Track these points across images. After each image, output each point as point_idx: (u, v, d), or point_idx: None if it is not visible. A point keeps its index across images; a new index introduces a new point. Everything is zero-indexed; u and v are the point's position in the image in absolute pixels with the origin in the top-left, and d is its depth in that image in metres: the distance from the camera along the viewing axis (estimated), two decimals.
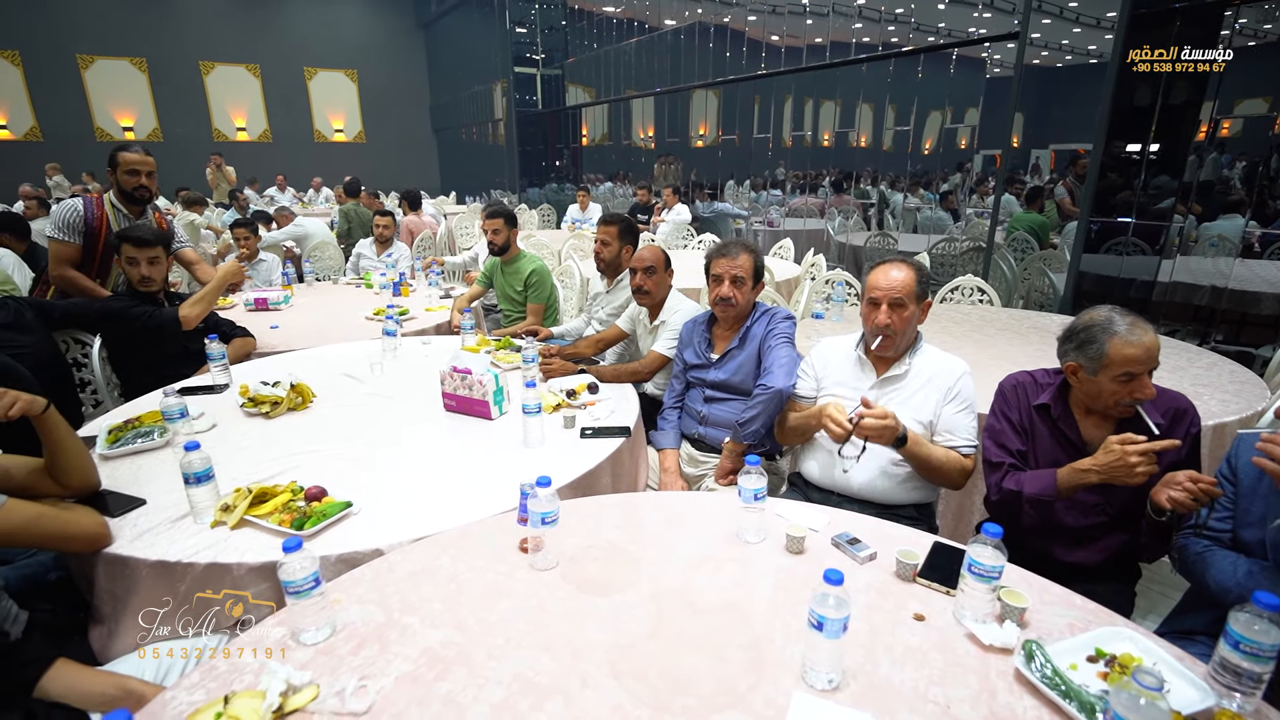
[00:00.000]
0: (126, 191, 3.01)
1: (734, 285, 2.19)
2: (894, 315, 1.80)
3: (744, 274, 2.18)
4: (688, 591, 1.27)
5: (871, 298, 1.84)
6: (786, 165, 8.58)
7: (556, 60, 13.38)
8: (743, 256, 2.19)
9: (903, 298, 1.79)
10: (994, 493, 1.69)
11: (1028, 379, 1.75)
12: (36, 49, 12.44)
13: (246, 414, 2.19)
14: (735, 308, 2.21)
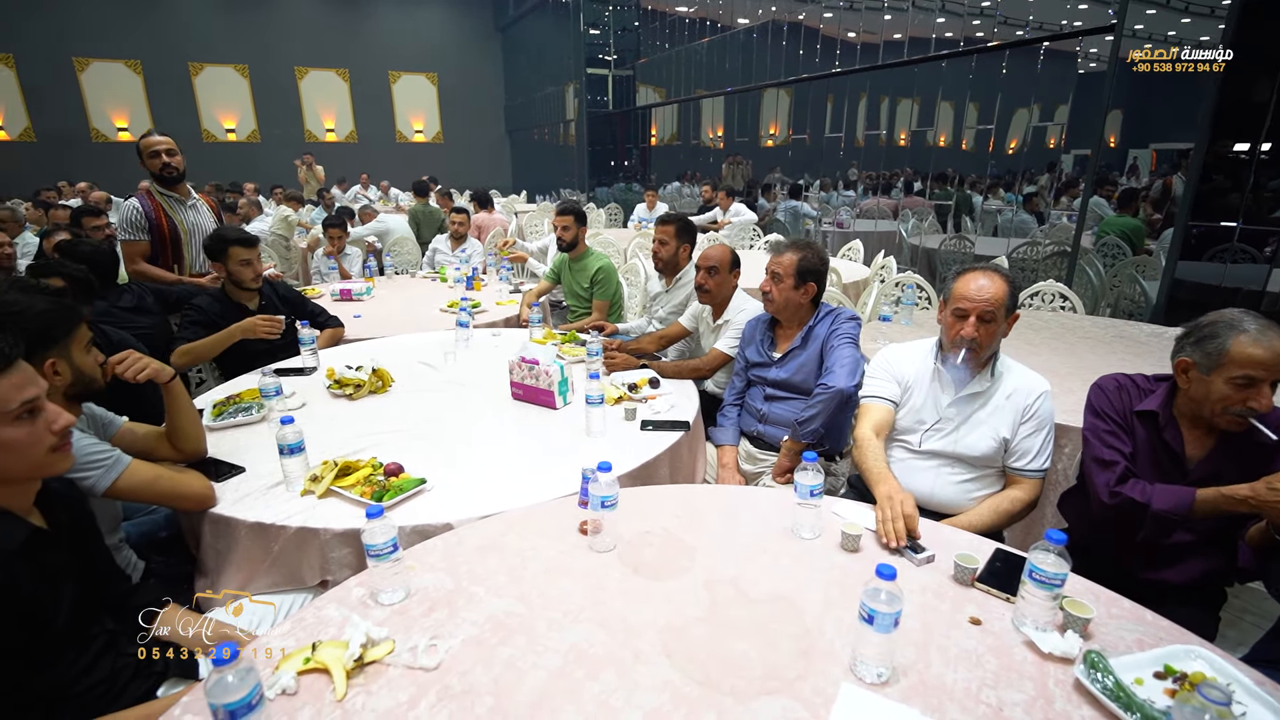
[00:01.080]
0: (157, 174, 3.21)
1: (773, 280, 2.23)
2: (982, 329, 1.69)
3: (783, 271, 2.20)
4: (740, 581, 1.30)
5: (959, 308, 1.72)
6: (859, 165, 8.39)
7: (628, 61, 13.51)
8: (787, 254, 2.21)
9: (994, 311, 1.68)
10: (1105, 495, 1.54)
11: (1128, 382, 1.65)
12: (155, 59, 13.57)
13: (332, 395, 2.35)
14: (772, 303, 2.24)
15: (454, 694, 1.02)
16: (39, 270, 2.25)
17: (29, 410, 1.09)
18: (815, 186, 8.94)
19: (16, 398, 1.06)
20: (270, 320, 2.57)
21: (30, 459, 1.10)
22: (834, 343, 2.15)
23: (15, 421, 1.07)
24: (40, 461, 1.11)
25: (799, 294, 2.22)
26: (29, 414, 1.09)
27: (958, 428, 1.79)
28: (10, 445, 1.07)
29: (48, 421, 1.11)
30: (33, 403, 1.09)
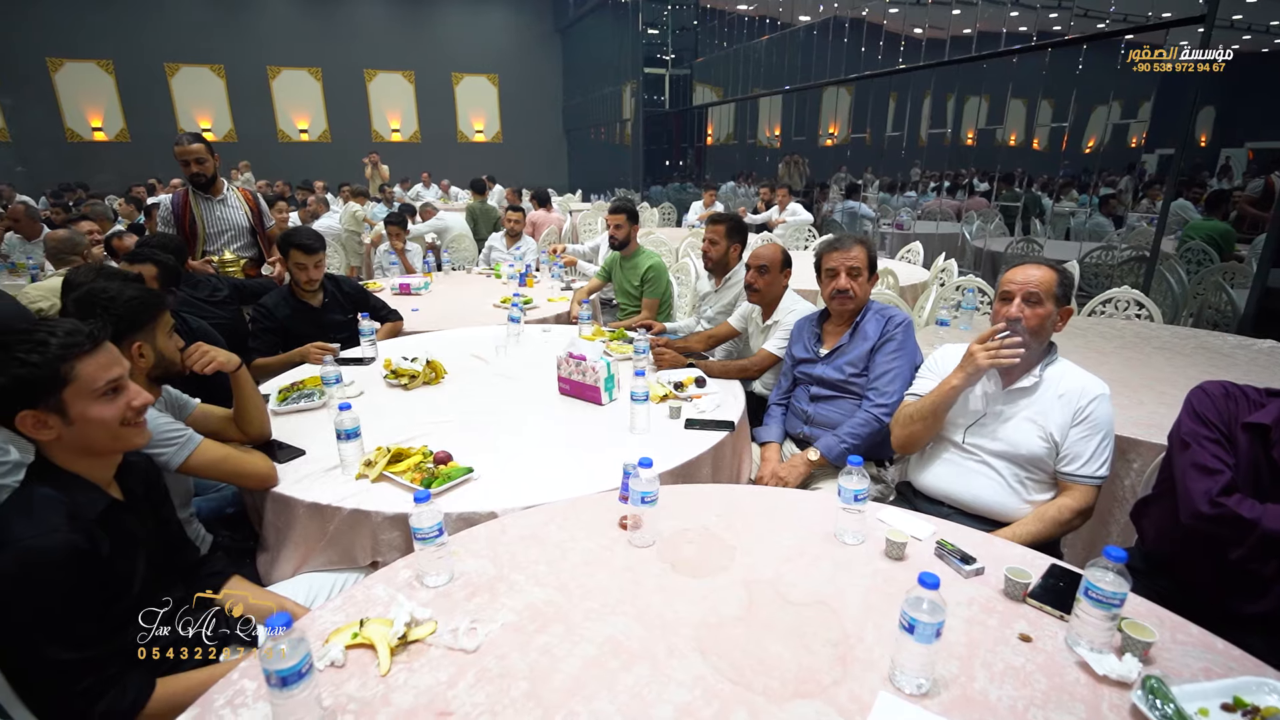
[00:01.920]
0: (190, 179, 3.51)
1: (850, 277, 2.16)
2: (1027, 310, 1.69)
3: (860, 265, 2.16)
4: (779, 583, 1.28)
5: (1004, 291, 1.74)
6: (921, 165, 8.13)
7: (686, 60, 13.49)
8: (856, 248, 2.16)
9: (1038, 293, 1.68)
10: (1205, 504, 1.42)
11: (1238, 391, 1.53)
12: (237, 63, 14.35)
13: (389, 385, 2.44)
14: (854, 300, 2.18)
15: (491, 676, 1.05)
16: (134, 257, 2.43)
17: (114, 388, 1.18)
18: (875, 187, 8.71)
19: (104, 376, 1.16)
20: (323, 348, 2.71)
21: (111, 432, 1.19)
22: (886, 353, 2.10)
23: (101, 398, 1.16)
24: (119, 434, 1.20)
25: (869, 288, 2.22)
26: (114, 391, 1.18)
27: (1003, 423, 1.75)
28: (95, 420, 1.16)
29: (128, 399, 1.20)
30: (117, 381, 1.19)
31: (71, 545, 1.07)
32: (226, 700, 1.01)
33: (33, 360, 1.09)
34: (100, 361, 1.17)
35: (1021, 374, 1.76)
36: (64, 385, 1.12)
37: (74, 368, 1.13)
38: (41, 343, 1.10)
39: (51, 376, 1.11)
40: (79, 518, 1.12)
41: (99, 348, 1.17)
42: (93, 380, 1.15)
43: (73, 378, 1.13)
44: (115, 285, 1.63)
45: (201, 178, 3.50)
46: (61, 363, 1.11)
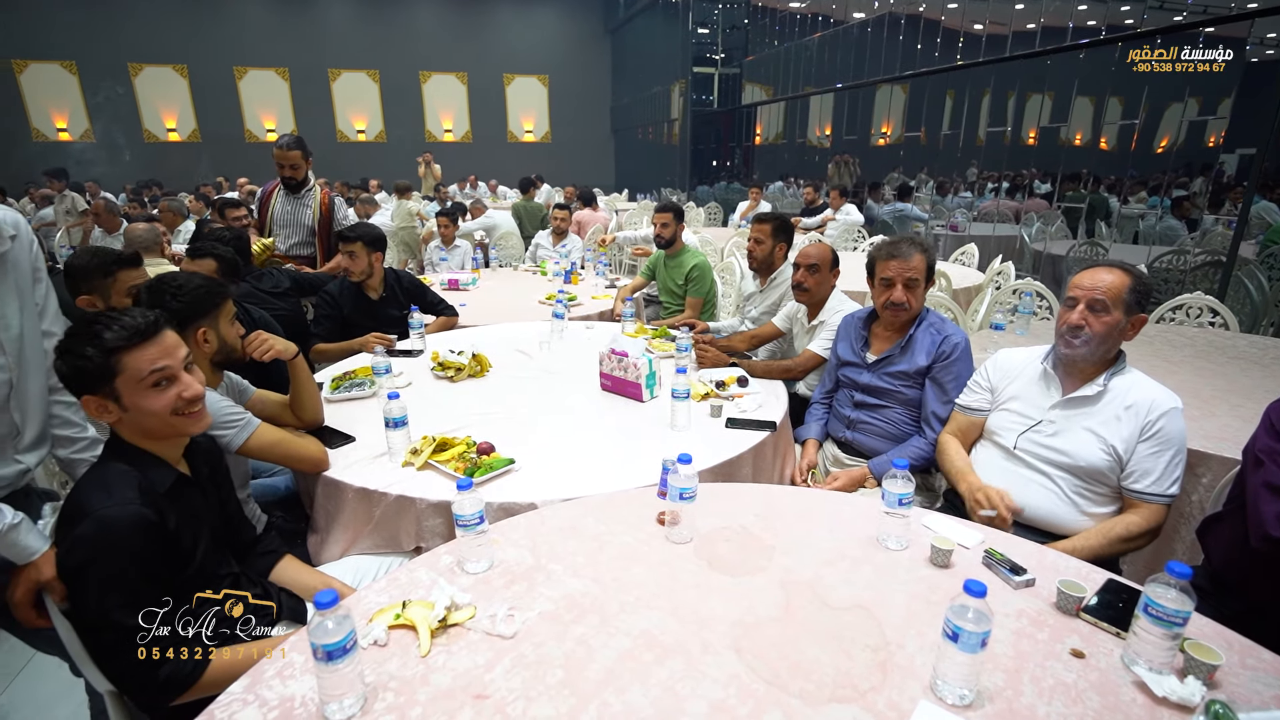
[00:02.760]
0: (282, 180, 3.75)
1: (907, 289, 2.05)
2: (1091, 317, 1.61)
3: (919, 276, 2.05)
4: (818, 586, 1.26)
5: (1070, 296, 1.66)
6: (979, 165, 7.87)
7: (736, 59, 13.39)
8: (916, 256, 2.05)
9: (1106, 300, 1.59)
10: (1275, 527, 1.35)
11: None
12: (300, 67, 14.93)
13: (435, 376, 2.50)
14: (908, 313, 2.09)
15: (527, 663, 1.06)
16: (195, 253, 2.56)
17: (166, 378, 1.21)
18: (929, 187, 8.47)
19: (148, 367, 1.19)
20: (381, 338, 2.84)
21: (164, 420, 1.23)
22: (943, 381, 2.02)
23: (152, 389, 1.20)
24: (172, 423, 1.24)
25: (925, 294, 2.13)
26: (166, 382, 1.21)
27: (1060, 432, 1.68)
28: (146, 409, 1.21)
29: (179, 390, 1.23)
30: (165, 372, 1.21)
31: (142, 517, 1.13)
32: (276, 671, 1.05)
33: (87, 353, 1.16)
34: (149, 354, 1.19)
35: (1083, 382, 1.69)
36: (115, 376, 1.17)
37: (122, 360, 1.17)
38: (96, 335, 1.16)
39: (102, 367, 1.16)
40: (149, 492, 1.19)
41: (149, 340, 1.20)
42: (139, 372, 1.18)
43: (121, 369, 1.17)
44: (184, 275, 1.72)
45: (292, 181, 3.73)
46: (110, 355, 1.16)
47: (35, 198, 8.15)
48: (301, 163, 3.70)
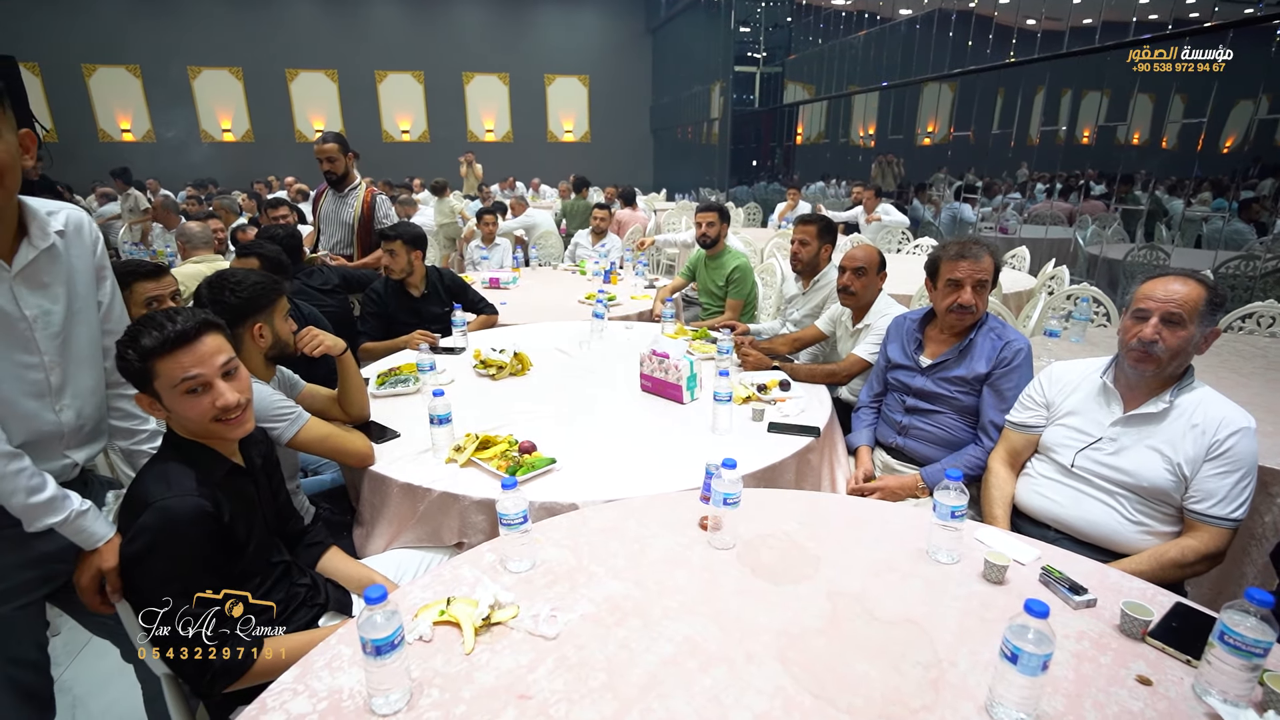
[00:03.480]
0: (324, 175, 3.82)
1: (976, 292, 1.97)
2: (1165, 332, 1.51)
3: (988, 278, 1.97)
4: (866, 598, 1.23)
5: (1140, 309, 1.55)
6: (1030, 165, 7.61)
7: (778, 58, 13.24)
8: (986, 258, 1.97)
9: (1181, 314, 1.49)
10: None
11: None
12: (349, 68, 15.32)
13: (477, 374, 2.53)
14: (974, 316, 2.01)
15: (570, 665, 1.06)
16: (241, 251, 2.63)
17: (200, 385, 1.21)
18: (978, 188, 8.23)
19: (179, 375, 1.19)
20: (426, 335, 2.87)
21: (204, 426, 1.24)
22: (1003, 390, 1.94)
23: (186, 395, 1.20)
24: (211, 429, 1.25)
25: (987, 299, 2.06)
26: (201, 388, 1.21)
27: (1121, 450, 1.60)
28: (180, 412, 1.23)
29: (213, 398, 1.22)
30: (196, 380, 1.20)
31: (200, 507, 1.17)
32: (325, 662, 1.07)
33: (127, 355, 1.19)
34: (182, 362, 1.19)
35: (1147, 397, 1.60)
36: (152, 379, 1.20)
37: (156, 366, 1.19)
38: (135, 339, 1.19)
39: (141, 371, 1.20)
40: (206, 483, 1.22)
41: (183, 348, 1.19)
42: (173, 378, 1.19)
43: (156, 374, 1.20)
44: (242, 272, 1.77)
45: (332, 175, 3.80)
46: (146, 360, 1.19)
47: (98, 195, 8.56)
48: (339, 156, 3.74)
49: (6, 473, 1.15)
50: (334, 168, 3.76)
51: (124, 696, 1.60)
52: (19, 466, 1.17)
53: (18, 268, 1.19)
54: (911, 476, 2.03)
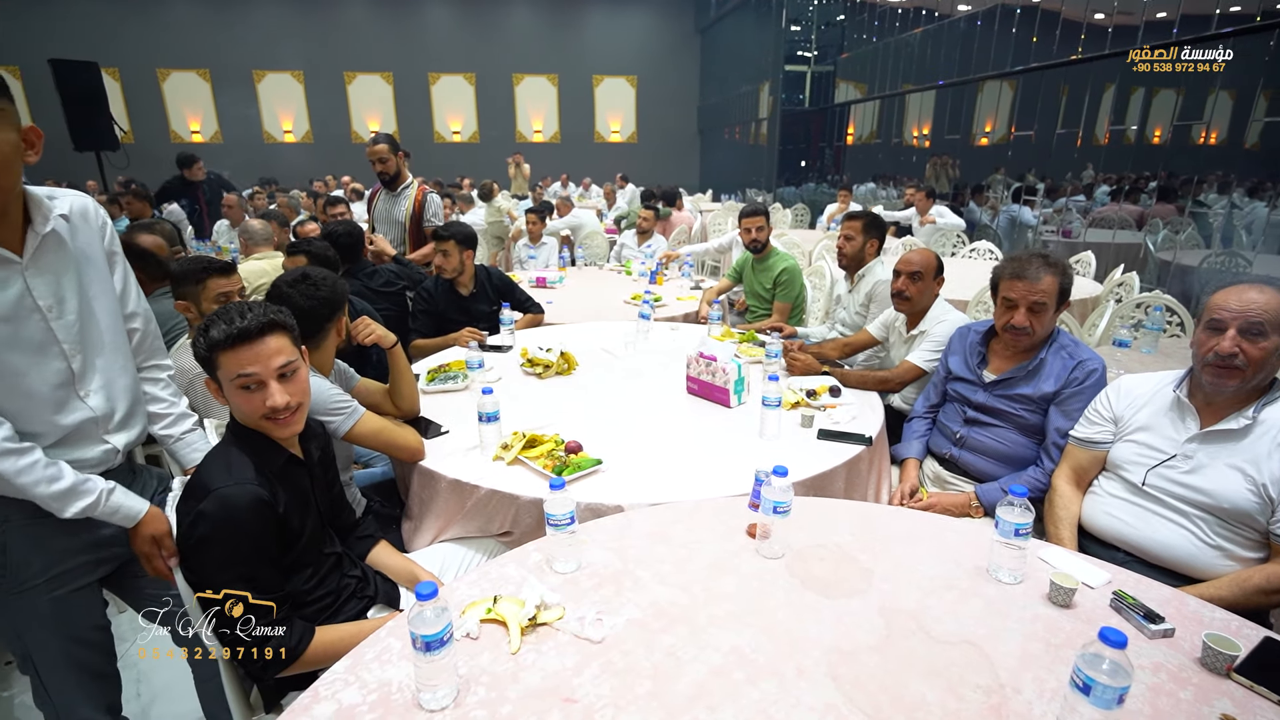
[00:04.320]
0: (377, 175, 3.91)
1: (1032, 314, 1.86)
2: (1246, 344, 1.42)
3: (1047, 300, 1.85)
4: (922, 616, 1.18)
5: (1214, 320, 1.47)
6: (1096, 166, 7.26)
7: (830, 57, 13.01)
8: (1046, 278, 1.85)
9: (1262, 323, 1.41)
10: None
11: None
12: (403, 71, 15.74)
13: (524, 373, 2.55)
14: (1030, 338, 1.90)
15: (616, 670, 1.05)
16: (291, 249, 2.70)
17: (254, 383, 1.24)
18: (1040, 190, 7.90)
19: (236, 371, 1.23)
20: (474, 333, 2.93)
21: (255, 422, 1.28)
22: (1071, 411, 1.83)
23: (240, 390, 1.24)
24: (261, 425, 1.29)
25: (1055, 319, 1.93)
26: (256, 386, 1.24)
27: (1198, 469, 1.50)
28: (235, 405, 1.27)
29: (264, 398, 1.25)
30: (250, 378, 1.23)
31: (257, 496, 1.20)
32: (375, 655, 1.09)
33: (198, 343, 1.24)
34: (241, 358, 1.22)
35: (1227, 413, 1.50)
36: (216, 369, 1.25)
37: (218, 358, 1.23)
38: (206, 329, 1.23)
39: (206, 360, 1.25)
40: (264, 473, 1.26)
41: (246, 344, 1.23)
42: (230, 373, 1.23)
43: (218, 365, 1.24)
44: (328, 272, 1.84)
45: (385, 175, 3.91)
46: (211, 351, 1.23)
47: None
48: (390, 155, 3.83)
49: (20, 466, 1.18)
50: (385, 168, 3.87)
51: (187, 673, 1.66)
52: (31, 460, 1.19)
53: (28, 256, 1.20)
54: (965, 495, 1.94)
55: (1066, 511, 1.72)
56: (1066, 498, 1.73)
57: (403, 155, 3.95)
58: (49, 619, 1.30)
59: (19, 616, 1.29)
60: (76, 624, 1.36)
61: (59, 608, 1.31)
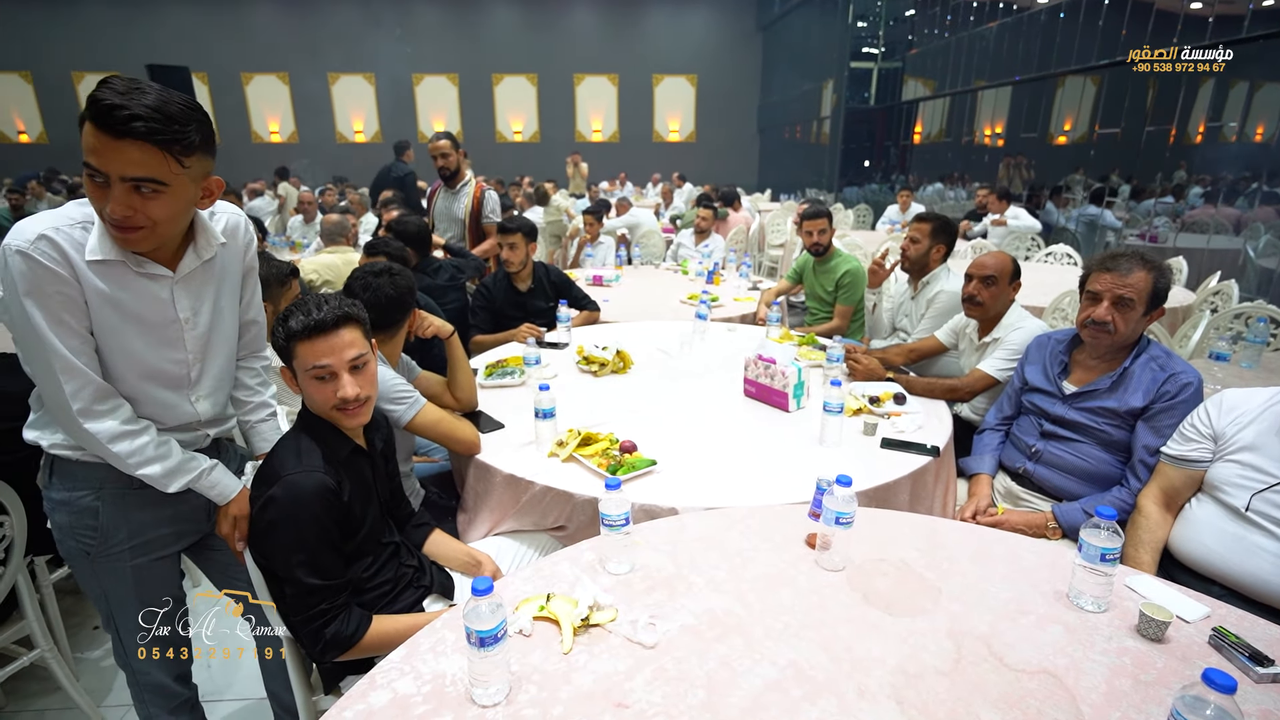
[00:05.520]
0: (438, 171, 3.97)
1: (1116, 308, 1.74)
2: None
3: (1135, 296, 1.73)
4: (994, 641, 1.11)
5: None
6: (1189, 166, 6.78)
7: (898, 53, 12.60)
8: (1137, 273, 1.73)
9: None
10: None
11: None
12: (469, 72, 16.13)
13: (580, 370, 2.55)
14: (1111, 337, 1.77)
15: (669, 677, 1.02)
16: (369, 249, 2.79)
17: (328, 374, 1.28)
18: (1124, 191, 7.43)
19: (311, 362, 1.27)
20: (533, 329, 2.98)
21: (325, 411, 1.32)
22: (1165, 419, 1.70)
23: (314, 380, 1.28)
24: (331, 415, 1.32)
25: (1144, 324, 1.80)
26: (329, 376, 1.28)
27: None
28: (308, 394, 1.31)
29: (334, 389, 1.28)
30: (325, 369, 1.27)
31: (324, 484, 1.23)
32: (430, 646, 1.10)
33: (278, 332, 1.28)
34: (317, 349, 1.26)
35: None
36: (292, 358, 1.29)
37: (296, 348, 1.27)
38: (286, 319, 1.28)
39: (285, 350, 1.29)
40: (331, 461, 1.29)
41: (322, 336, 1.26)
42: (306, 363, 1.27)
43: (295, 355, 1.28)
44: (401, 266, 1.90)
45: (446, 171, 4.00)
46: (289, 341, 1.27)
47: (248, 191, 9.54)
48: (451, 151, 3.93)
49: (135, 446, 1.24)
50: (447, 163, 3.96)
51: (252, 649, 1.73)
52: (145, 440, 1.25)
53: (180, 275, 1.26)
54: (1041, 514, 1.82)
55: (1151, 535, 1.60)
56: (1154, 520, 1.61)
57: (462, 153, 4.05)
58: (130, 584, 1.37)
59: (106, 579, 1.37)
60: (153, 591, 1.43)
61: (139, 574, 1.38)
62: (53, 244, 1.11)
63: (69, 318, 1.14)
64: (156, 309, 1.25)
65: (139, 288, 1.21)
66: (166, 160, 1.08)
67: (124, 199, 1.07)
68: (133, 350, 1.24)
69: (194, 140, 1.10)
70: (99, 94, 1.03)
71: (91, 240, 1.14)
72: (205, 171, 1.18)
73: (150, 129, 1.04)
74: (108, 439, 1.20)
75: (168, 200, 1.12)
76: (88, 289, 1.15)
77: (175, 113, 1.07)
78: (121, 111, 1.02)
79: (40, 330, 1.12)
